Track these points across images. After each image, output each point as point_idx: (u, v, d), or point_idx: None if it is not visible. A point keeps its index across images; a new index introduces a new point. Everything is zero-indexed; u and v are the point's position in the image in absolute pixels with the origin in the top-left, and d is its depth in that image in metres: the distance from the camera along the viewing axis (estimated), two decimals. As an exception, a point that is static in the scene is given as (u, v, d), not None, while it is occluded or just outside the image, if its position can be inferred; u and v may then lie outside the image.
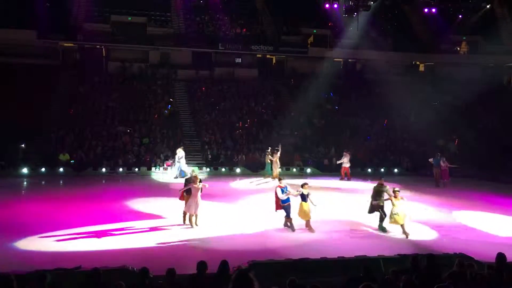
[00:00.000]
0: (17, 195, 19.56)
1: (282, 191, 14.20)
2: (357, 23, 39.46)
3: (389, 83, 35.33)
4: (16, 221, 14.62)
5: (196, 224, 14.24)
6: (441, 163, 24.26)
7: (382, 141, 32.11)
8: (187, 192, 14.54)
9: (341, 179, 25.56)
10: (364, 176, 27.09)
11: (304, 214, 14.10)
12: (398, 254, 10.74)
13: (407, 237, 13.54)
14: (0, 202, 17.27)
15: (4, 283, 6.50)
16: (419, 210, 17.28)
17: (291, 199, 14.35)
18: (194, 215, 14.22)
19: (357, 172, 27.73)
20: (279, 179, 15.16)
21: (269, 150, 25.43)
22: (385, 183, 14.73)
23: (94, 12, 35.96)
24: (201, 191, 14.39)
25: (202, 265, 7.68)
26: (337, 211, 16.96)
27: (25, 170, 24.42)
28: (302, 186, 14.23)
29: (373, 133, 32.92)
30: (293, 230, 14.06)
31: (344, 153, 25.93)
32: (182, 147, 25.53)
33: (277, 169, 24.66)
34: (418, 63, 42.17)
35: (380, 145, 31.60)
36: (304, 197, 14.06)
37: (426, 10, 40.06)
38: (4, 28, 31.81)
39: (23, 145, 25.84)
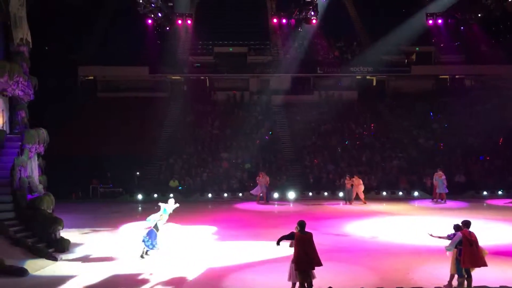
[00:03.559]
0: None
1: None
2: (463, 37, 37.46)
3: (504, 98, 32.79)
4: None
5: None
6: None
7: (498, 161, 29.60)
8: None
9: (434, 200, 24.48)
10: (479, 199, 25.25)
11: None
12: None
13: None
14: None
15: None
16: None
17: None
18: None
19: (470, 195, 25.98)
20: None
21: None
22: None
23: (198, 46, 38.15)
24: None
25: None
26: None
27: (140, 196, 26.20)
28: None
29: (486, 152, 30.51)
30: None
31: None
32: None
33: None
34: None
35: (496, 165, 29.16)
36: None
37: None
38: (120, 65, 35.03)
39: (138, 173, 27.81)
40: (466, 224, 10.64)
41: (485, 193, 26.63)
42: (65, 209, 19.24)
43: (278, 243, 10.55)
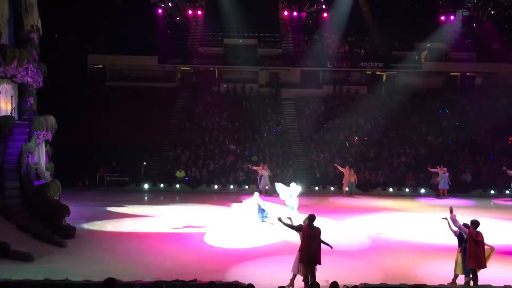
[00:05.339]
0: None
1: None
2: (475, 34, 37.08)
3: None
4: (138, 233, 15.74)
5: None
6: None
7: (508, 161, 29.23)
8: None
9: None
10: (486, 198, 25.13)
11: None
12: None
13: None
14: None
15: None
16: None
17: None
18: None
19: (478, 194, 25.88)
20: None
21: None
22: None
23: (208, 37, 38.05)
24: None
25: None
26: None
27: (146, 186, 26.30)
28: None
29: (496, 151, 30.22)
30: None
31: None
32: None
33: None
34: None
35: (506, 165, 28.79)
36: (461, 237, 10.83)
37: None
38: (130, 55, 35.04)
39: (144, 163, 27.89)
40: (474, 224, 10.57)
41: (492, 192, 26.46)
42: (72, 197, 19.34)
43: (280, 220, 10.79)
